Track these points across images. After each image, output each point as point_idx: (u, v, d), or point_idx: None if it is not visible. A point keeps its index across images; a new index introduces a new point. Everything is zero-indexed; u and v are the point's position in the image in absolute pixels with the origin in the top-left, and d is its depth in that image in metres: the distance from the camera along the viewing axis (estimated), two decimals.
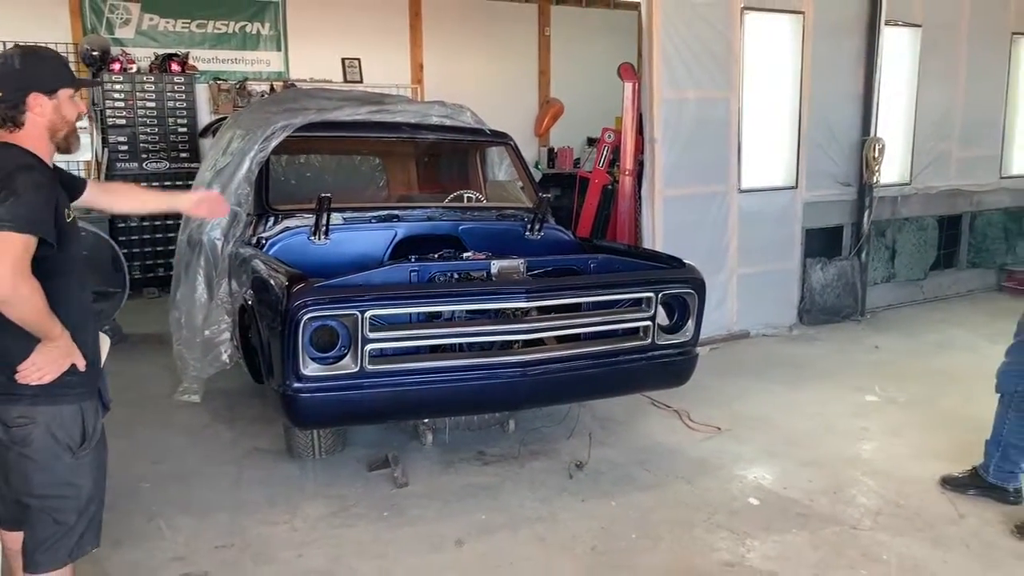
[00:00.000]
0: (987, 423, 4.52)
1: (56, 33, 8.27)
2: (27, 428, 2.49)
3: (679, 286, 4.32)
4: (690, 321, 4.36)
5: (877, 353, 6.47)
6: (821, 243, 7.30)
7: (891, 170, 7.56)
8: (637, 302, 4.22)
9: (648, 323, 4.22)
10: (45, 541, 2.59)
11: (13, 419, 2.48)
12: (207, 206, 3.24)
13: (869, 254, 7.46)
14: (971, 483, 4.01)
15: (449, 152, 6.17)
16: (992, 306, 8.04)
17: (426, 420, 4.45)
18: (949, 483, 4.06)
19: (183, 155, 8.55)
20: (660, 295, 4.23)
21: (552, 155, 11.27)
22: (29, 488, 2.55)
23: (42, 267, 2.43)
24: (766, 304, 6.94)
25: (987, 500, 3.91)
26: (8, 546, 2.80)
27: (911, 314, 7.68)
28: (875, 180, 7.21)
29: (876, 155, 7.13)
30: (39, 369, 2.46)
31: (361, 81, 9.88)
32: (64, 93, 2.57)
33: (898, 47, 7.40)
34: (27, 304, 2.38)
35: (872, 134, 7.16)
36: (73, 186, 2.78)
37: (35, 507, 2.56)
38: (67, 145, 2.63)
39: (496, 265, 4.12)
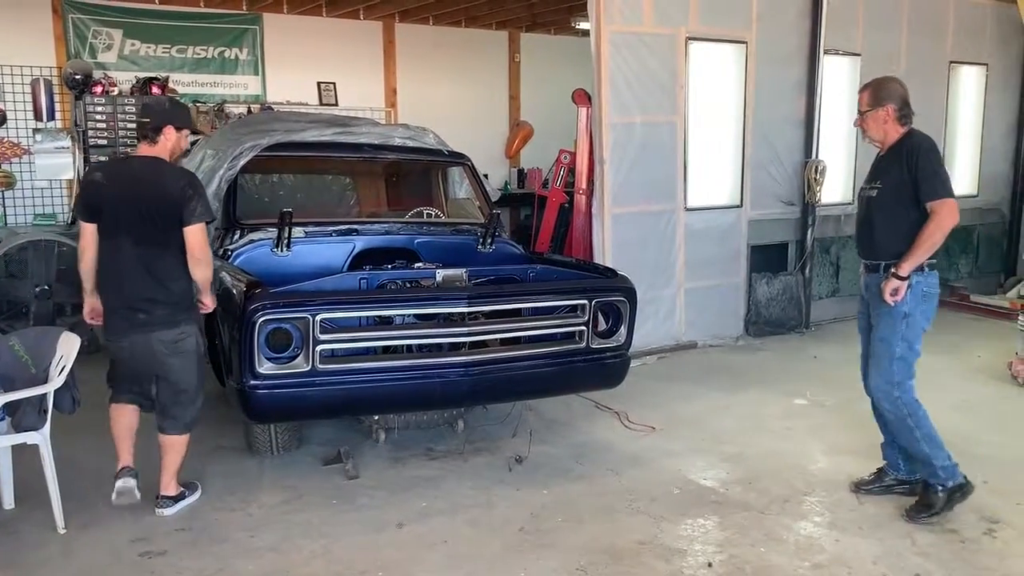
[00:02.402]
0: None
1: (41, 57, 8.63)
2: (186, 339, 3.95)
3: (611, 294, 4.69)
4: (622, 327, 4.73)
5: (815, 362, 6.86)
6: (766, 259, 7.70)
7: (835, 191, 8.00)
8: (572, 308, 4.59)
9: (583, 328, 4.58)
10: (196, 410, 4.08)
11: (176, 336, 3.90)
12: None
13: (813, 269, 7.88)
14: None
15: (411, 171, 6.55)
16: None
17: (377, 418, 4.80)
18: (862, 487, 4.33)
19: None
20: (594, 302, 4.60)
21: (522, 176, 11.67)
22: (193, 378, 4.00)
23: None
24: (713, 316, 7.32)
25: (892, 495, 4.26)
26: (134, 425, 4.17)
27: (854, 327, 7.94)
28: (817, 200, 7.63)
29: (817, 176, 7.55)
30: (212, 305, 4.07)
31: (336, 104, 10.26)
32: (184, 132, 3.99)
33: (839, 75, 7.86)
34: (211, 267, 3.96)
35: (814, 156, 7.59)
36: None
37: (194, 391, 4.03)
38: (176, 163, 4.11)
39: (440, 274, 4.48)
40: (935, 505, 3.97)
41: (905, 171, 3.93)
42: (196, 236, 3.81)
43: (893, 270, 3.93)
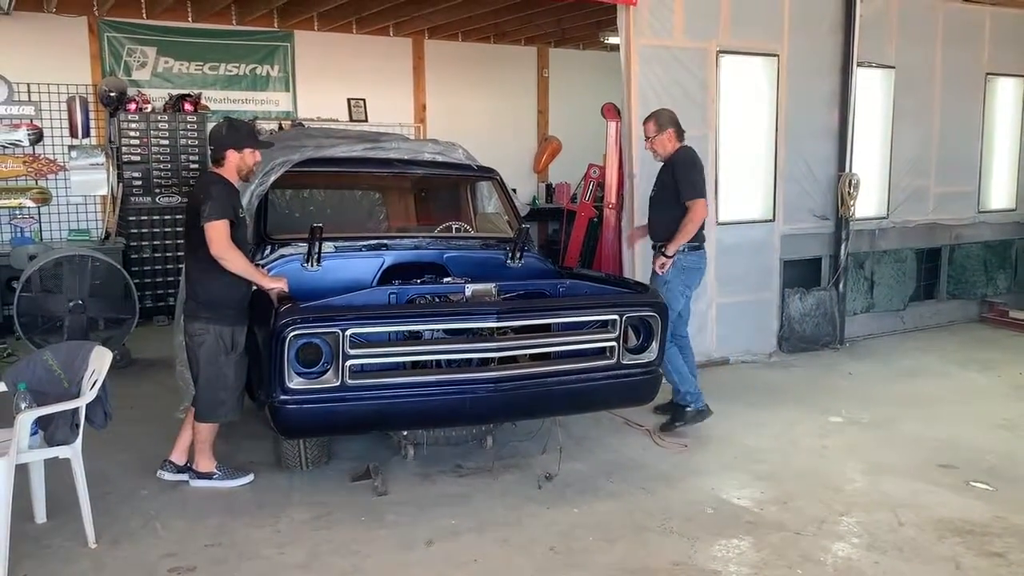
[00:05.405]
0: (942, 442, 4.85)
1: (78, 75, 8.79)
2: (203, 336, 4.31)
3: (642, 309, 4.64)
4: (654, 342, 4.66)
5: (849, 379, 6.73)
6: (800, 274, 7.59)
7: (868, 204, 7.87)
8: (603, 324, 4.54)
9: (613, 344, 4.53)
10: (207, 404, 4.39)
11: (196, 330, 4.32)
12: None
13: (847, 285, 7.75)
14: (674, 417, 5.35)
15: (440, 186, 6.54)
16: (969, 335, 8.29)
17: (406, 434, 4.77)
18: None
19: None
20: (624, 317, 4.54)
21: (550, 190, 11.66)
22: (201, 372, 4.35)
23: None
24: (746, 332, 7.22)
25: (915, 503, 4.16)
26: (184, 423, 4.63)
27: (889, 343, 7.92)
28: (851, 214, 7.51)
29: (851, 190, 7.44)
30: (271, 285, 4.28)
31: (366, 120, 10.34)
32: (247, 150, 4.42)
33: (872, 87, 7.75)
34: (236, 261, 4.20)
35: (847, 170, 7.48)
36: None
37: (203, 384, 4.36)
38: (246, 178, 4.54)
39: (470, 288, 4.46)
40: (683, 419, 5.32)
41: (671, 178, 5.31)
42: (208, 233, 4.18)
43: (662, 249, 5.26)
